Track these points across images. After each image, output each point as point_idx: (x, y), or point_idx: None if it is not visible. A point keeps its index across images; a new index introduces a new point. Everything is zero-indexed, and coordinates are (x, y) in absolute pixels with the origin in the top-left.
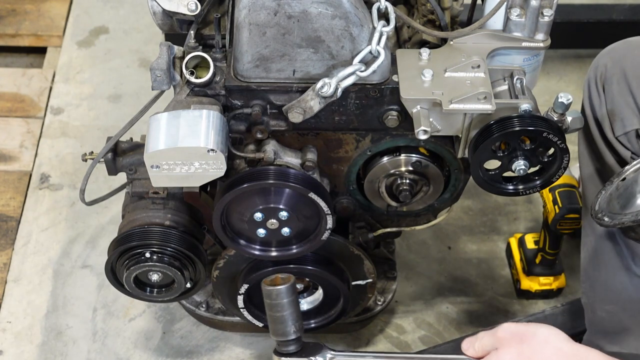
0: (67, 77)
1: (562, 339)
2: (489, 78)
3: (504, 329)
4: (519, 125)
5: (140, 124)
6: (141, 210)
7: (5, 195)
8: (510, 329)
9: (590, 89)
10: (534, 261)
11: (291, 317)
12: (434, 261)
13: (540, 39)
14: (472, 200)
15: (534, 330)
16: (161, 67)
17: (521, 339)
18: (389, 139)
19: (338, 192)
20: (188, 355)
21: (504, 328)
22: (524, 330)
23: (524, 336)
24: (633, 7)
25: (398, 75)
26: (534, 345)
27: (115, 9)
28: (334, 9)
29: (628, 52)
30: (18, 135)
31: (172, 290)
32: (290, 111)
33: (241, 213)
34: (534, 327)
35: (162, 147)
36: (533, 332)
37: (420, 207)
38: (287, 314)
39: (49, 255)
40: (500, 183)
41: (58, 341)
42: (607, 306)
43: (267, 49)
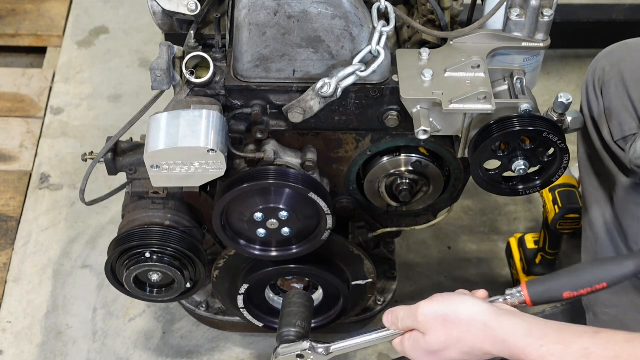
0: (67, 77)
1: (485, 312)
2: (489, 78)
3: (423, 312)
4: (519, 125)
5: (140, 124)
6: (141, 210)
7: (5, 195)
8: (430, 312)
9: (589, 91)
10: (534, 261)
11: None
12: (434, 261)
13: (540, 39)
14: (472, 200)
15: (455, 310)
16: (161, 67)
17: (445, 320)
18: (389, 139)
19: (338, 192)
20: (188, 355)
21: (423, 311)
22: (444, 311)
23: (447, 318)
24: (633, 7)
25: (398, 75)
26: (461, 326)
27: (115, 9)
28: (334, 9)
29: (626, 54)
30: (18, 135)
31: (172, 290)
32: (290, 111)
33: (241, 213)
34: (455, 305)
35: (162, 147)
36: (454, 311)
37: (420, 207)
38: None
39: (49, 255)
40: (500, 183)
41: (58, 341)
42: (608, 308)
43: (267, 49)
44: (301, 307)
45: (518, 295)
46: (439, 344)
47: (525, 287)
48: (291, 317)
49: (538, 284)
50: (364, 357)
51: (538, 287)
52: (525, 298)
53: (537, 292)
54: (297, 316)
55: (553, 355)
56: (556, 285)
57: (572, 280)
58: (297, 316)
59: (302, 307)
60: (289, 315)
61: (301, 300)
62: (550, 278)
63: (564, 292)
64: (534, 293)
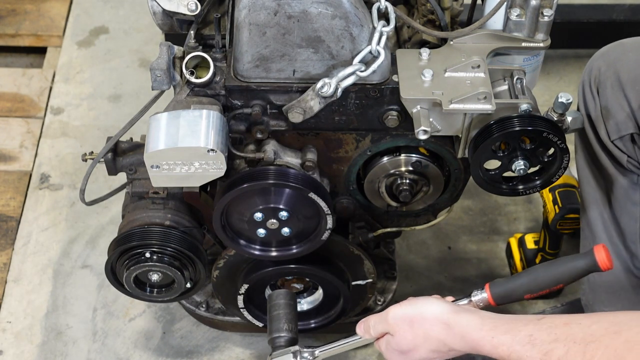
0: (67, 77)
1: (447, 312)
2: (489, 78)
3: (393, 314)
4: (519, 125)
5: (140, 124)
6: (141, 210)
7: (5, 195)
8: (399, 314)
9: (585, 91)
10: (534, 261)
11: (285, 317)
12: (434, 261)
13: (540, 39)
14: (472, 200)
15: (420, 311)
16: (161, 67)
17: (411, 321)
18: (389, 139)
19: (338, 192)
20: (188, 355)
21: (393, 314)
22: (411, 313)
23: (413, 319)
24: (633, 7)
25: (398, 75)
26: (425, 325)
27: (115, 9)
28: (334, 9)
29: (622, 55)
30: (18, 135)
31: (172, 290)
32: (290, 111)
33: (241, 213)
34: (420, 307)
35: (162, 147)
36: (419, 312)
37: (420, 207)
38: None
39: (49, 255)
40: (500, 183)
41: (58, 341)
42: (606, 308)
43: (267, 49)
44: (286, 307)
45: (482, 296)
46: (408, 343)
47: (488, 289)
48: (278, 321)
49: (500, 285)
50: (364, 357)
51: (500, 289)
52: (488, 299)
53: (499, 293)
54: (283, 319)
55: (503, 344)
56: (517, 287)
57: (531, 282)
58: (283, 319)
59: (287, 308)
60: (276, 319)
61: (284, 300)
62: (512, 280)
63: (524, 293)
64: (496, 294)
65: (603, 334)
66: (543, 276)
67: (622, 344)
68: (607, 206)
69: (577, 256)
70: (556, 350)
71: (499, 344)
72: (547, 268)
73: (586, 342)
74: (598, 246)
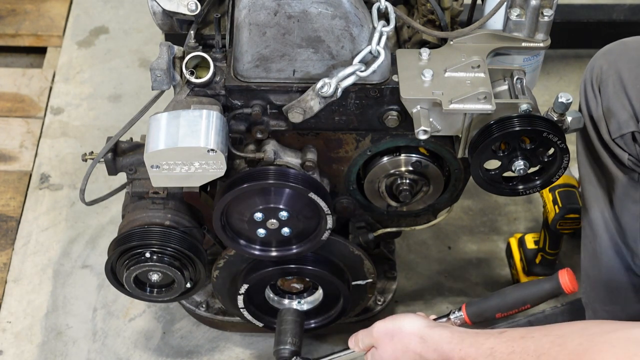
0: (67, 77)
1: (423, 327)
2: (489, 78)
3: (377, 329)
4: (519, 125)
5: (140, 124)
6: (141, 210)
7: (5, 195)
8: (382, 329)
9: (587, 90)
10: (534, 261)
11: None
12: (434, 261)
13: (540, 39)
14: (472, 200)
15: (399, 325)
16: (161, 67)
17: (392, 335)
18: (389, 139)
19: (338, 192)
20: (188, 355)
21: (377, 328)
22: (392, 328)
23: (394, 331)
24: (633, 7)
25: (398, 75)
26: (404, 339)
27: (115, 9)
28: (334, 9)
29: (623, 53)
30: (18, 135)
31: (172, 290)
32: (290, 111)
33: (241, 213)
34: (400, 322)
35: (162, 147)
36: (399, 327)
37: (420, 207)
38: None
39: (49, 255)
40: (500, 183)
41: (58, 341)
42: (607, 306)
43: (267, 49)
44: (292, 323)
45: (459, 315)
46: (389, 356)
47: (464, 308)
48: (284, 334)
49: (475, 306)
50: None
51: (475, 309)
52: (465, 318)
53: (474, 313)
54: (289, 333)
55: (469, 356)
56: (489, 307)
57: (501, 303)
58: (289, 333)
59: (293, 324)
60: (283, 332)
61: (292, 317)
62: (485, 301)
63: (496, 313)
64: (471, 313)
65: (550, 347)
66: (511, 297)
67: (566, 356)
68: (608, 205)
69: (543, 280)
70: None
71: (465, 355)
72: (515, 290)
73: (537, 354)
74: (562, 270)
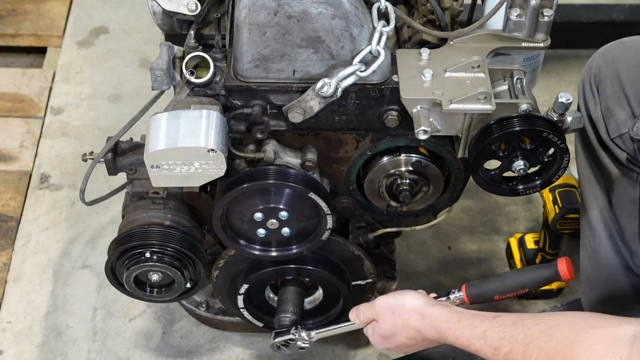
0: (67, 77)
1: (424, 304)
2: (489, 78)
3: (379, 303)
4: (519, 125)
5: (140, 124)
6: (141, 210)
7: (5, 195)
8: (384, 304)
9: (585, 90)
10: (534, 261)
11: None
12: (434, 261)
13: (540, 39)
14: (472, 200)
15: (401, 301)
16: (161, 67)
17: (393, 309)
18: (389, 139)
19: (338, 192)
20: (188, 355)
21: (379, 303)
22: (394, 303)
23: (396, 307)
24: (633, 7)
25: (398, 75)
26: (404, 314)
27: (115, 9)
28: (334, 9)
29: (622, 53)
30: (18, 135)
31: (172, 290)
32: (290, 111)
33: (241, 213)
34: (402, 298)
35: (162, 147)
36: (401, 303)
37: (420, 207)
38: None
39: (49, 255)
40: (500, 183)
41: (58, 341)
42: (606, 306)
43: (267, 49)
44: (294, 293)
45: (459, 295)
46: (389, 329)
47: (464, 289)
48: (286, 303)
49: (475, 287)
50: (364, 357)
51: (474, 289)
52: (463, 297)
53: (473, 293)
54: (290, 302)
55: (463, 336)
56: (488, 289)
57: (500, 286)
58: (290, 302)
59: (295, 294)
60: (285, 302)
61: (294, 287)
62: (484, 283)
63: (494, 294)
64: (470, 294)
65: (539, 337)
66: (510, 281)
67: (552, 348)
68: (608, 204)
69: (542, 266)
70: (503, 347)
71: (460, 335)
72: (515, 274)
73: (526, 342)
74: (561, 258)
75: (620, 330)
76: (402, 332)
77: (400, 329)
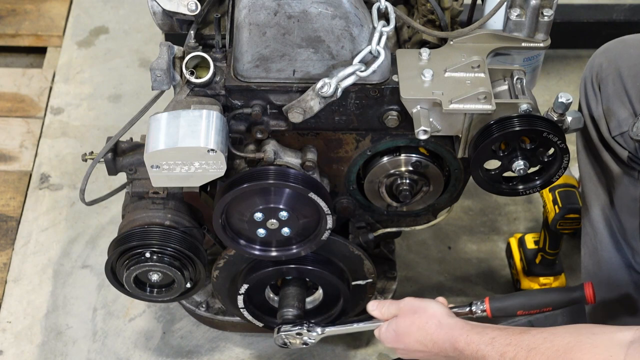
0: (67, 77)
1: (445, 314)
2: (489, 78)
3: (405, 302)
4: (519, 125)
5: (140, 124)
6: (141, 210)
7: (5, 195)
8: (410, 303)
9: (587, 88)
10: (534, 261)
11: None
12: (434, 261)
13: (540, 39)
14: (472, 200)
15: (426, 306)
16: (161, 67)
17: (416, 311)
18: (389, 139)
19: (338, 192)
20: (188, 355)
21: (406, 302)
22: (419, 305)
23: (418, 309)
24: (633, 7)
25: (398, 75)
26: (423, 318)
27: (115, 9)
28: (334, 9)
29: (623, 51)
30: (18, 135)
31: (172, 290)
32: (290, 111)
33: (241, 213)
34: (427, 303)
35: (162, 147)
36: (425, 307)
37: (420, 207)
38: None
39: (49, 255)
40: (500, 183)
41: (58, 341)
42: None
43: (267, 49)
44: (296, 289)
45: (481, 307)
46: (405, 327)
47: (487, 302)
48: (288, 298)
49: (499, 301)
50: (364, 357)
51: (498, 304)
52: (487, 311)
53: (496, 307)
54: (293, 297)
55: (473, 342)
56: (513, 305)
57: (525, 302)
58: (293, 297)
59: (297, 289)
60: (287, 296)
61: (296, 282)
62: (510, 297)
63: (518, 310)
64: (494, 307)
65: (542, 342)
66: (537, 299)
67: (553, 352)
68: (609, 202)
69: (569, 288)
70: (508, 353)
71: (470, 341)
72: (543, 293)
73: (529, 348)
74: (587, 283)
75: (619, 336)
76: (415, 334)
77: (415, 330)
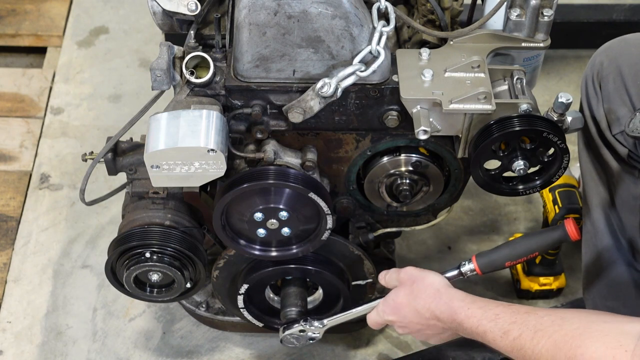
0: (67, 77)
1: (442, 284)
2: (489, 78)
3: (405, 271)
4: (519, 125)
5: (140, 124)
6: (141, 210)
7: (5, 195)
8: (409, 272)
9: (588, 87)
10: (534, 261)
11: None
12: (434, 261)
13: (540, 39)
14: (472, 200)
15: (424, 276)
16: (161, 67)
17: (414, 281)
18: (389, 139)
19: (338, 192)
20: (188, 355)
21: (406, 271)
22: (417, 275)
23: (417, 279)
24: (633, 7)
25: (398, 75)
26: (421, 287)
27: (115, 9)
28: (334, 9)
29: (624, 50)
30: (18, 135)
31: (172, 290)
32: (290, 111)
33: (241, 213)
34: (426, 273)
35: (162, 147)
36: (423, 276)
37: (420, 207)
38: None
39: (49, 255)
40: (500, 183)
41: (58, 341)
42: (608, 302)
43: (267, 49)
44: (297, 287)
45: (470, 267)
46: (403, 297)
47: (474, 260)
48: (290, 297)
49: (485, 257)
50: (364, 357)
51: (485, 259)
52: (475, 269)
53: (484, 263)
54: (295, 296)
55: (474, 316)
56: (499, 257)
57: (511, 252)
58: (295, 296)
59: (298, 288)
60: (289, 295)
61: (296, 281)
62: (495, 251)
63: (505, 261)
64: (482, 263)
65: (549, 325)
66: (521, 246)
67: (561, 337)
68: (610, 201)
69: (550, 228)
70: (512, 331)
71: (471, 315)
72: (524, 239)
73: (536, 329)
74: (568, 219)
75: (630, 326)
76: (412, 302)
77: (412, 299)
